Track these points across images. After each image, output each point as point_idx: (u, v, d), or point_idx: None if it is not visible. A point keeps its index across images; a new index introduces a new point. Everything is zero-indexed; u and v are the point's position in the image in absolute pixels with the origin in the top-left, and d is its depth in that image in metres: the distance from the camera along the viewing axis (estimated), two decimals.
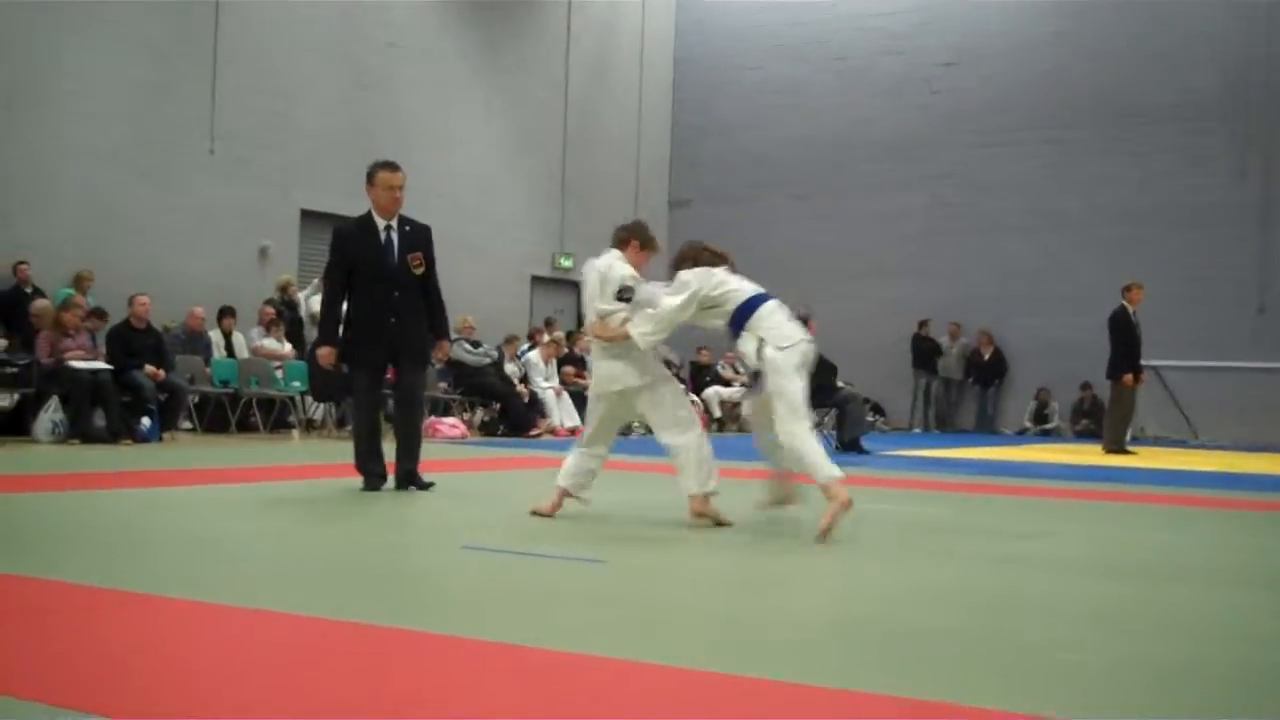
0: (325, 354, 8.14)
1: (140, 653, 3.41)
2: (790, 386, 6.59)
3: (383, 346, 8.01)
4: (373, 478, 7.95)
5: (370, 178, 8.28)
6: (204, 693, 3.01)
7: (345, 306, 8.06)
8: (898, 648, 3.78)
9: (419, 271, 8.08)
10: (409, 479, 8.05)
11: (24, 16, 14.86)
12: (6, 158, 14.70)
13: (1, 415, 12.46)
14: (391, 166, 8.31)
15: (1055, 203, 22.21)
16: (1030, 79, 22.52)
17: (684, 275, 6.71)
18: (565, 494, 7.01)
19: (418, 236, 8.21)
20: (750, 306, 6.63)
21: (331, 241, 8.20)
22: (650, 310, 6.65)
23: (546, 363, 17.92)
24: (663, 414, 6.83)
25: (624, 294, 6.74)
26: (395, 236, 8.09)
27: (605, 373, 6.87)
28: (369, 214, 8.15)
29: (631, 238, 7.02)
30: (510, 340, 17.94)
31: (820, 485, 6.40)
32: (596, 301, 6.84)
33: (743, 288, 6.72)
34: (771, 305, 6.70)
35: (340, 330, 8.05)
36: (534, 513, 6.89)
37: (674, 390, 6.97)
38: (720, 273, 6.74)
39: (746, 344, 6.64)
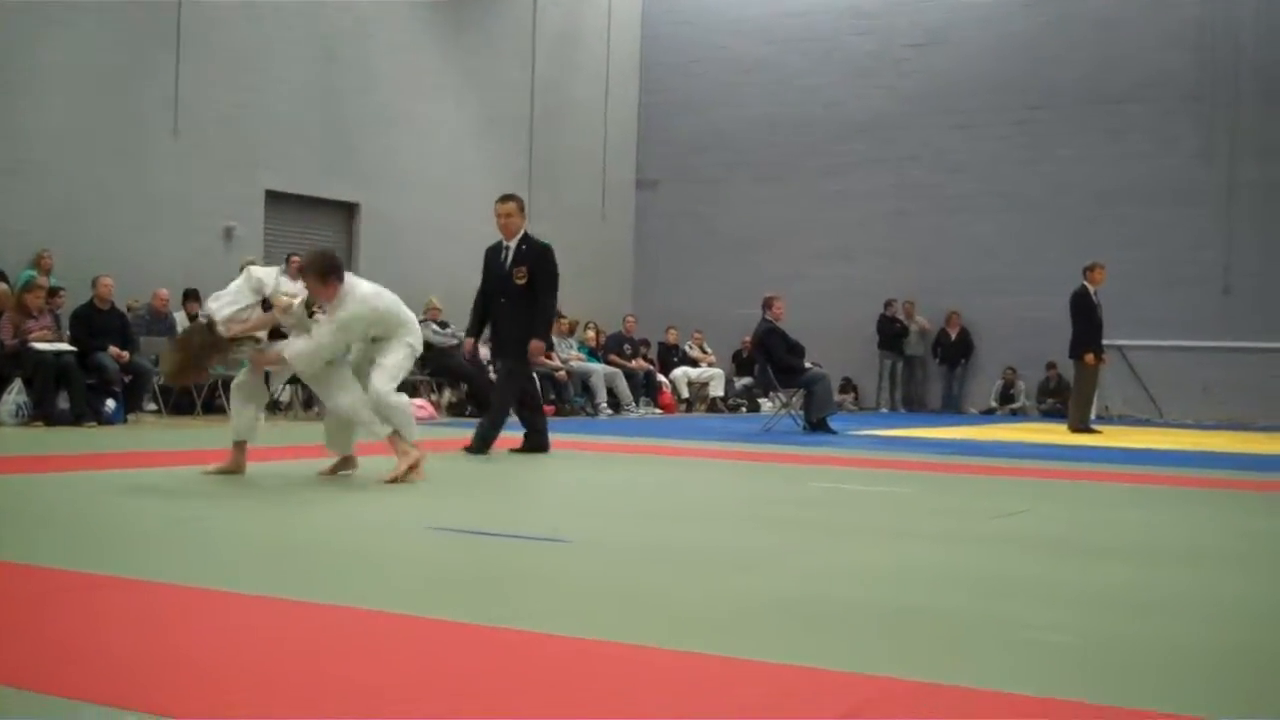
0: (468, 344, 10.84)
1: (123, 636, 3.38)
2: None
3: (497, 341, 10.10)
4: (484, 442, 9.73)
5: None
6: (190, 678, 2.99)
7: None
8: (884, 628, 3.78)
9: (521, 282, 9.73)
10: (481, 443, 9.73)
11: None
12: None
13: None
14: (501, 199, 10.15)
15: (1023, 183, 22.29)
16: (999, 60, 22.56)
17: None
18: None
19: (530, 254, 9.86)
20: None
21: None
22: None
23: None
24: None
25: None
26: (512, 254, 9.88)
27: None
28: (501, 239, 10.06)
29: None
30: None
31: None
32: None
33: None
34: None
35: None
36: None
37: None
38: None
39: None
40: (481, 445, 9.70)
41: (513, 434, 10.14)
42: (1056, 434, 15.45)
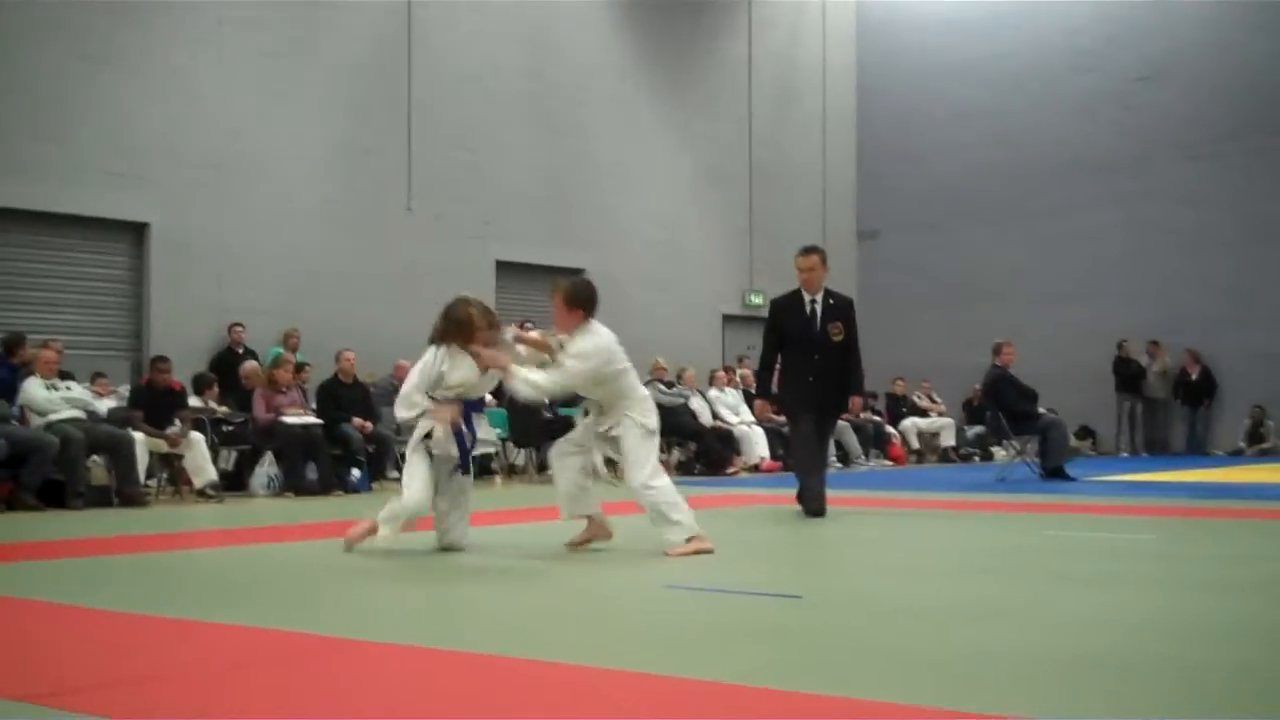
0: (760, 406, 10.73)
1: (369, 697, 3.54)
2: None
3: (812, 400, 9.47)
4: (814, 505, 9.34)
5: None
6: None
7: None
8: (1131, 678, 3.69)
9: (838, 338, 9.45)
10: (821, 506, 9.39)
11: (231, 82, 15.59)
12: (219, 223, 15.41)
13: (222, 472, 13.01)
14: (803, 251, 9.72)
15: (1262, 214, 21.41)
16: (1230, 87, 21.81)
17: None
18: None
19: (840, 309, 9.58)
20: None
21: (769, 312, 9.99)
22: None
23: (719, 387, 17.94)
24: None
25: None
26: (819, 309, 9.49)
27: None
28: (798, 289, 9.63)
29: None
30: (681, 373, 17.93)
31: None
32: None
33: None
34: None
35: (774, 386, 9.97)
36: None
37: None
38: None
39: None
40: (819, 506, 9.33)
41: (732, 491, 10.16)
42: None
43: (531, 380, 7.03)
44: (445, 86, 17.88)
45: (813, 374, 9.42)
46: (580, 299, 7.21)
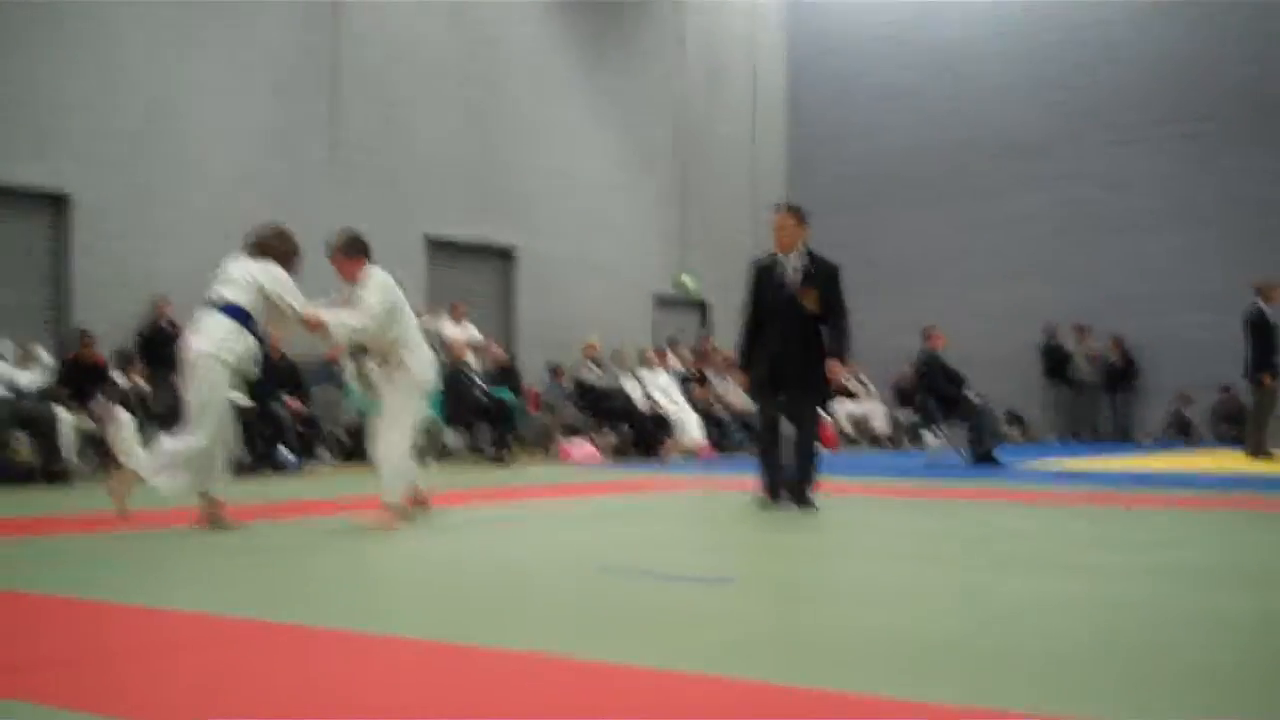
0: (741, 379, 9.39)
1: (294, 684, 3.50)
2: None
3: (774, 375, 8.62)
4: (769, 494, 8.63)
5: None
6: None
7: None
8: (1038, 665, 3.73)
9: (812, 307, 8.52)
10: (797, 496, 8.54)
11: (155, 51, 15.31)
12: (142, 194, 15.12)
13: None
14: (777, 208, 8.95)
15: (1190, 199, 21.68)
16: (1160, 73, 22.03)
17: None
18: None
19: (820, 275, 8.62)
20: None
21: (748, 274, 8.97)
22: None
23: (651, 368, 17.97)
24: None
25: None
26: (795, 274, 8.61)
27: None
28: (776, 252, 8.75)
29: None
30: (614, 354, 17.97)
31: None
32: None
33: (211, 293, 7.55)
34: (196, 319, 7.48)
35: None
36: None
37: None
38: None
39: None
40: (805, 497, 8.56)
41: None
42: (1235, 461, 14.98)
43: (343, 323, 7.51)
44: (371, 59, 17.68)
45: (779, 345, 8.59)
46: (358, 246, 7.94)
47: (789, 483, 8.60)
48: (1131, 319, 21.97)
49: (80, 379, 12.14)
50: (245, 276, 7.41)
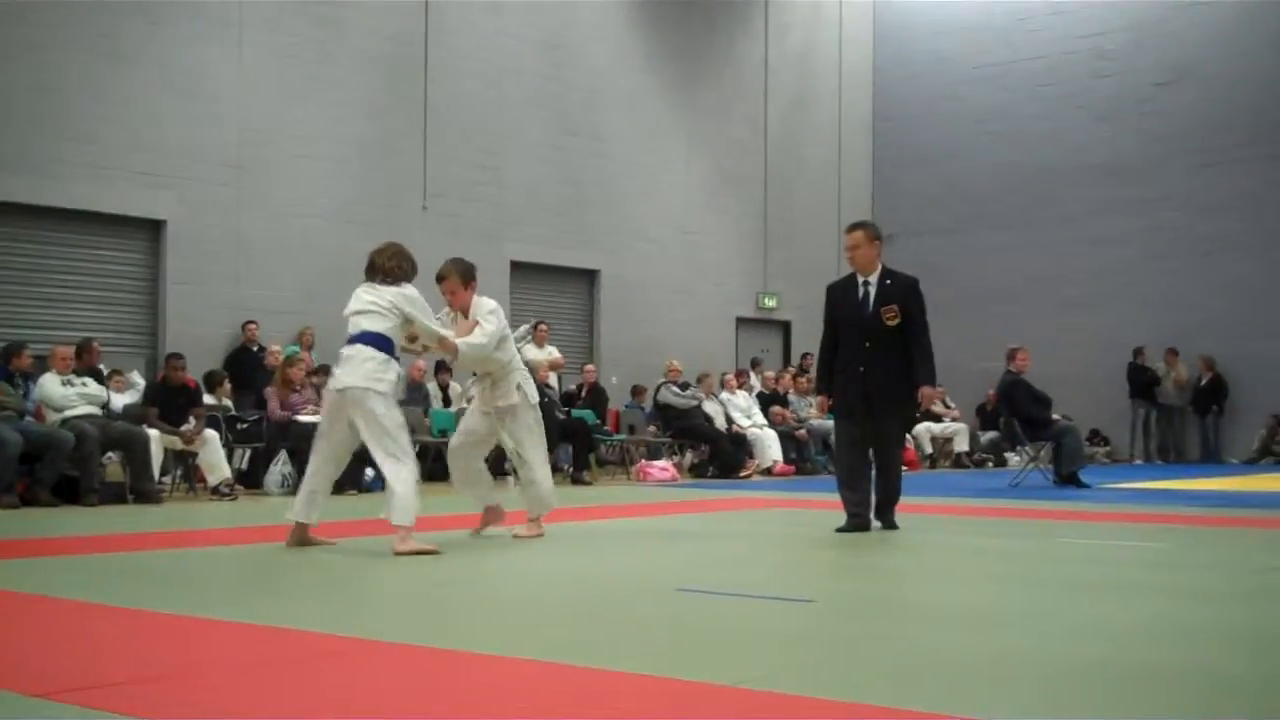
0: (820, 402, 9.45)
1: (382, 698, 3.56)
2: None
3: (857, 395, 8.48)
4: (851, 517, 8.45)
5: None
6: None
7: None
8: (1134, 686, 3.70)
9: (892, 323, 8.41)
10: (883, 517, 8.53)
11: (251, 81, 15.65)
12: (238, 220, 15.46)
13: (237, 471, 13.06)
14: (849, 227, 8.80)
15: (1277, 220, 21.35)
16: (1252, 93, 21.73)
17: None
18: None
19: (896, 289, 8.53)
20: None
21: (826, 299, 8.92)
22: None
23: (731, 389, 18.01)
24: None
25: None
26: (873, 290, 8.51)
27: None
28: (853, 273, 8.69)
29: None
30: (702, 379, 18.00)
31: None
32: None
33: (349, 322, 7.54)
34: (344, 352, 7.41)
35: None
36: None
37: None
38: (355, 294, 7.71)
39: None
40: (889, 518, 8.56)
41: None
42: None
43: (470, 343, 7.70)
44: (461, 87, 17.93)
45: (863, 364, 8.45)
46: (472, 274, 8.10)
47: (878, 501, 8.52)
48: (1219, 342, 21.64)
49: (169, 400, 12.39)
50: (383, 302, 7.42)
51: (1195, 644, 4.40)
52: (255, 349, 14.89)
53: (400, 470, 7.05)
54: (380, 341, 7.28)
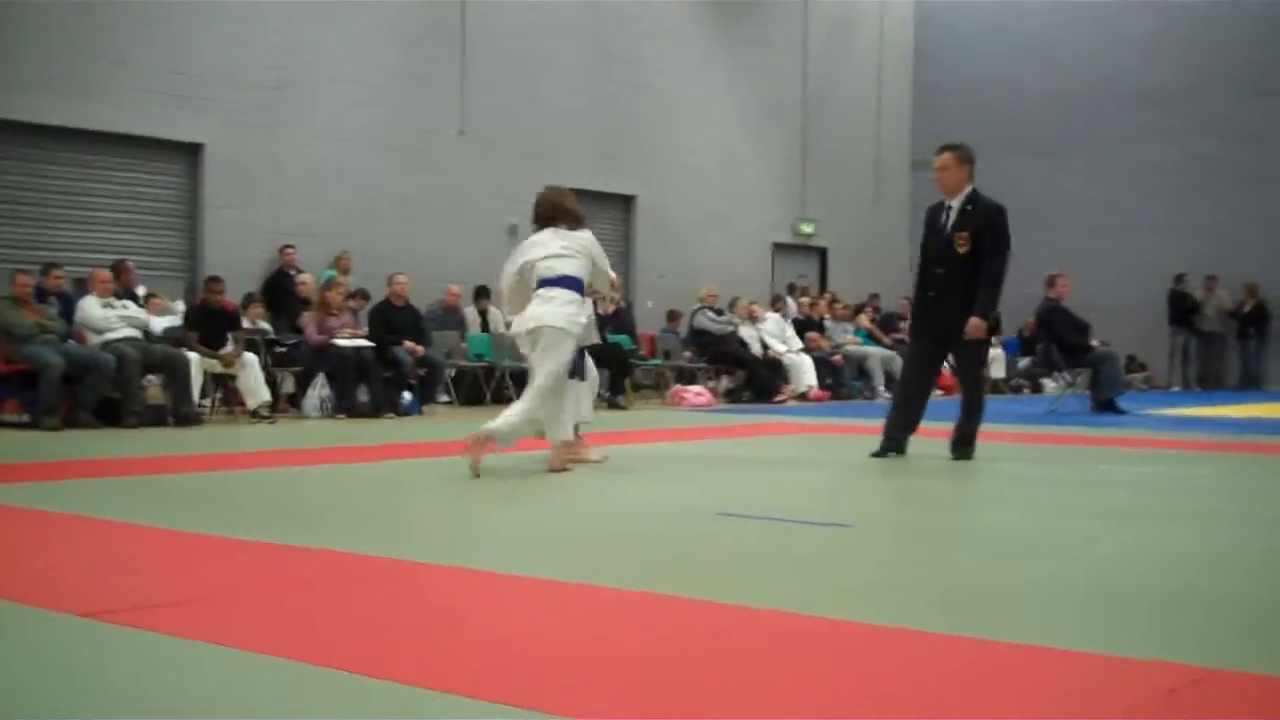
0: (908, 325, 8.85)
1: (421, 617, 3.59)
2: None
3: (926, 321, 8.41)
4: (884, 440, 8.38)
5: None
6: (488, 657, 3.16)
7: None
8: (1184, 614, 3.69)
9: (963, 250, 8.16)
10: (959, 445, 8.33)
11: (288, 5, 15.56)
12: (273, 145, 15.44)
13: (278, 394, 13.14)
14: (939, 149, 8.56)
15: None
16: None
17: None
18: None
19: (976, 216, 8.26)
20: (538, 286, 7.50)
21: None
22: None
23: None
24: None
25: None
26: (954, 216, 8.29)
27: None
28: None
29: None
30: (734, 303, 17.97)
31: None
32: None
33: (539, 268, 7.51)
34: (538, 294, 7.45)
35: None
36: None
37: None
38: (529, 241, 7.71)
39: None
40: (963, 449, 8.33)
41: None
42: None
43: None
44: (500, 11, 17.78)
45: (934, 289, 8.27)
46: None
47: (955, 429, 8.37)
48: (1259, 270, 21.44)
49: (209, 323, 12.45)
50: (576, 246, 7.61)
51: (1235, 571, 4.38)
52: (293, 273, 14.93)
53: (529, 405, 7.31)
54: (576, 285, 7.53)
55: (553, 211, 7.71)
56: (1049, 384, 18.91)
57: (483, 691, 2.75)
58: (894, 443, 8.39)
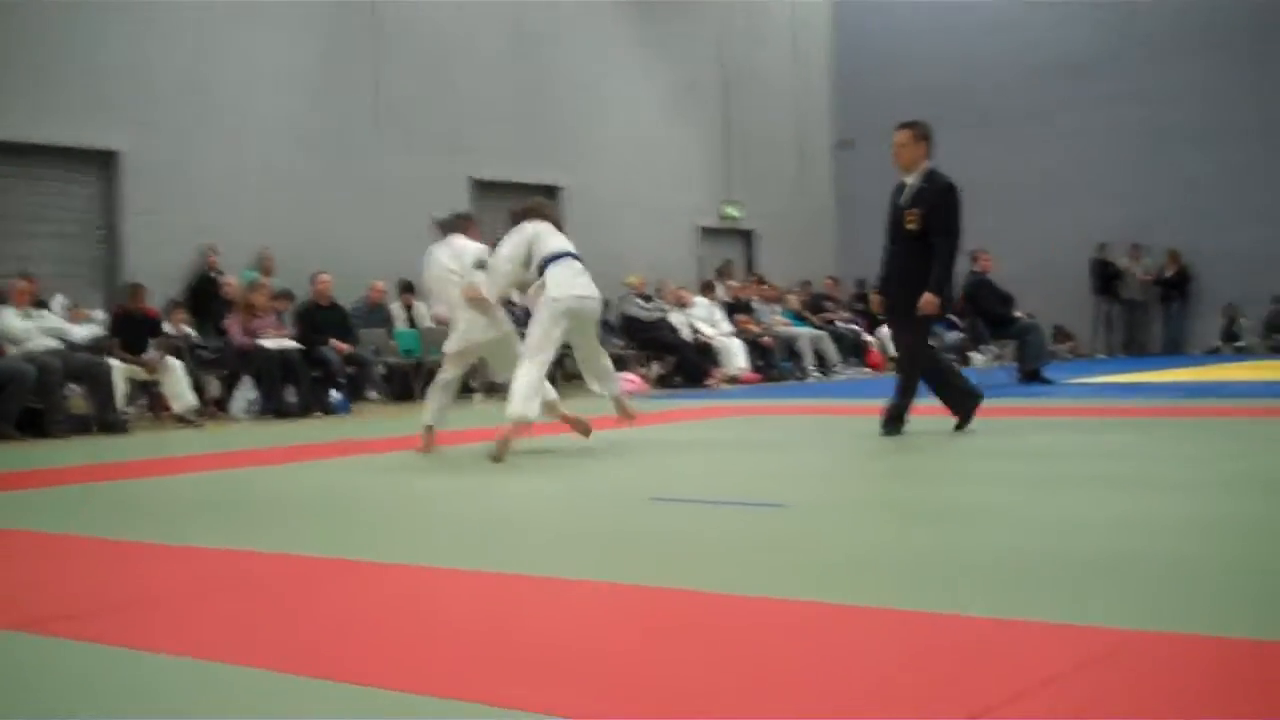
0: (874, 301, 8.84)
1: (352, 617, 3.56)
2: (534, 330, 7.72)
3: (888, 298, 8.43)
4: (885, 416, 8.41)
5: None
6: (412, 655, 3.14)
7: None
8: (1110, 578, 3.74)
9: (912, 226, 8.14)
10: (889, 421, 8.35)
11: (200, 7, 15.35)
12: (189, 147, 15.21)
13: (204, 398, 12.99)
14: (897, 126, 8.62)
15: (1238, 113, 21.35)
16: None
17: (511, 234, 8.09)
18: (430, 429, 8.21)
19: (926, 193, 8.23)
20: (550, 260, 7.79)
21: None
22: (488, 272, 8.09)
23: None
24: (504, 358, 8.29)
25: (480, 265, 8.13)
26: (907, 192, 8.30)
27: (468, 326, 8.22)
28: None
29: (469, 222, 8.97)
30: (660, 289, 18.02)
31: (508, 417, 7.52)
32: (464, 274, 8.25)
33: (550, 244, 7.89)
34: (563, 262, 7.82)
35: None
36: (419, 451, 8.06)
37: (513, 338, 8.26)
38: (532, 228, 8.00)
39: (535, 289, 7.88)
40: (894, 425, 8.33)
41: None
42: None
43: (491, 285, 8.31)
44: (414, 2, 17.64)
45: (888, 267, 8.40)
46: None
47: (890, 406, 8.37)
48: (1180, 234, 21.72)
49: (132, 330, 12.29)
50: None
51: (1160, 534, 4.45)
52: (216, 275, 14.75)
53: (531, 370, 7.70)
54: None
55: (546, 217, 8.28)
56: (976, 357, 19.10)
57: (437, 689, 2.74)
58: (898, 421, 8.41)
